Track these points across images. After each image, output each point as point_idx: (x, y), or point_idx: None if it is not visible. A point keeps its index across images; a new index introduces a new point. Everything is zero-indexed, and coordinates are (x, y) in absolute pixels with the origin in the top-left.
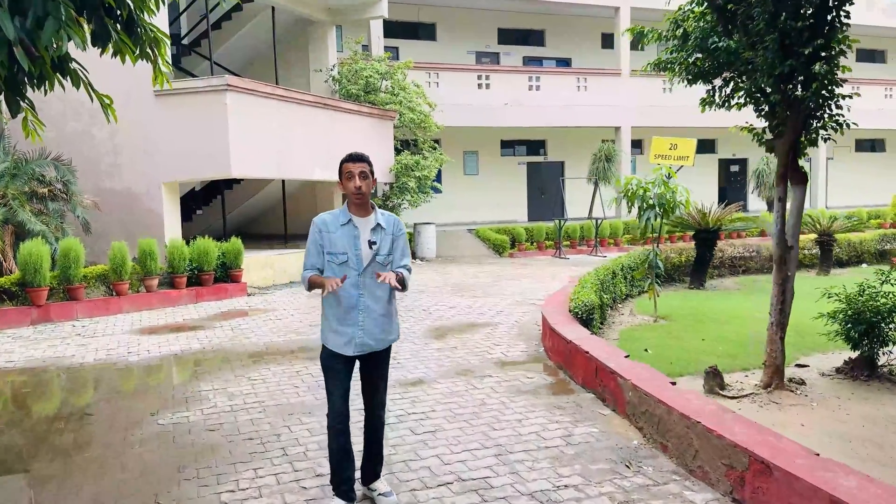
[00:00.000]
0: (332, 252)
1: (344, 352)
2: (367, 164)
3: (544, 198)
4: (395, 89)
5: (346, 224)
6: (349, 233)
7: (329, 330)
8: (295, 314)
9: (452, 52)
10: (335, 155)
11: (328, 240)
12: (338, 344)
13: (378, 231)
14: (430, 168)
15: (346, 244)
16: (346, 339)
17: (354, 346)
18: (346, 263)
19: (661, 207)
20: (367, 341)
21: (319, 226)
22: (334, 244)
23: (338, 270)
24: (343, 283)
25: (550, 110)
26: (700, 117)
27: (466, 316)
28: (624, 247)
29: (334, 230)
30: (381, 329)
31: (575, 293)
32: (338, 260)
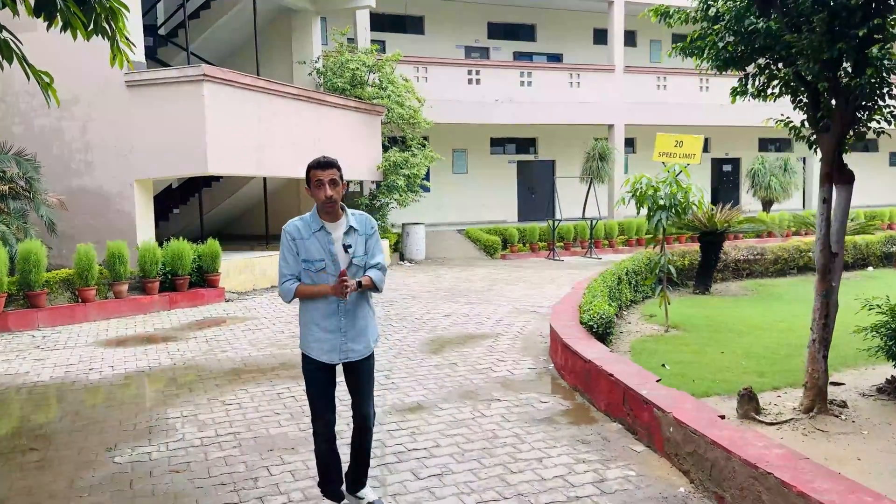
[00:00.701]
0: (308, 259)
1: (328, 360)
2: (337, 169)
3: (534, 198)
4: (383, 83)
5: (318, 231)
6: (323, 239)
7: (311, 339)
8: (276, 323)
9: (441, 46)
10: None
11: (302, 247)
12: (321, 352)
13: (352, 233)
14: (420, 166)
15: (321, 250)
16: (329, 347)
17: (339, 353)
18: (324, 270)
19: (672, 208)
20: (351, 347)
21: (292, 233)
22: (309, 251)
23: (315, 278)
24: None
25: (542, 107)
26: (694, 115)
27: (464, 326)
28: (619, 248)
29: (307, 237)
30: (363, 334)
31: (586, 302)
32: (315, 267)
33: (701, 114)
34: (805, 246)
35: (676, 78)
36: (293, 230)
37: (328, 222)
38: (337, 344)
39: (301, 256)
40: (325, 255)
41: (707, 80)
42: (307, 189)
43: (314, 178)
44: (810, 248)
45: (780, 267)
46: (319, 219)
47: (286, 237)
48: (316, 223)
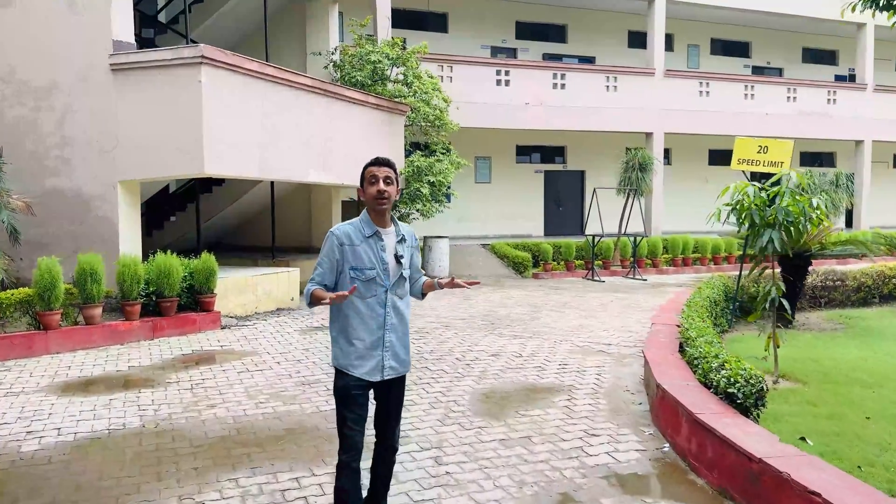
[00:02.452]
0: (358, 267)
1: (371, 378)
2: (394, 170)
3: (562, 210)
4: (407, 77)
5: (371, 236)
6: (375, 245)
7: (353, 355)
8: (282, 361)
9: (465, 46)
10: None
11: (351, 253)
12: (364, 370)
13: (403, 244)
14: (447, 172)
15: (372, 258)
16: (374, 364)
17: (383, 370)
18: (375, 279)
19: (786, 226)
20: (393, 364)
21: (341, 238)
22: (359, 258)
23: (365, 289)
24: (351, 294)
25: (576, 112)
26: (737, 124)
27: (520, 371)
28: (663, 269)
29: (358, 243)
30: (405, 350)
31: (695, 349)
32: (365, 276)
33: (744, 123)
34: (890, 271)
35: (719, 84)
36: (342, 235)
37: (381, 228)
38: (379, 361)
39: (350, 264)
40: (377, 262)
41: (752, 88)
42: (359, 190)
43: (369, 175)
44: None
45: (863, 295)
46: (373, 223)
47: (333, 241)
48: (369, 228)
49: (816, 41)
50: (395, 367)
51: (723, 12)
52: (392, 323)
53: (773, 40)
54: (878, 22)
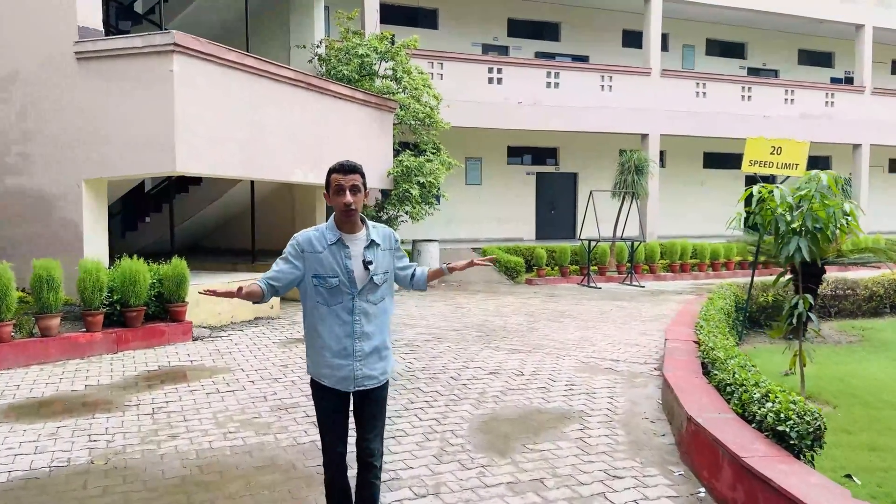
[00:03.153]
0: (321, 275)
1: (342, 388)
2: (361, 175)
3: (554, 213)
4: (397, 72)
5: (334, 243)
6: (339, 253)
7: (322, 364)
8: (257, 380)
9: (455, 43)
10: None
11: (314, 261)
12: (334, 380)
13: (373, 248)
14: (437, 173)
15: (334, 266)
16: (344, 374)
17: (354, 381)
18: (339, 287)
19: (814, 232)
20: (367, 373)
21: (302, 245)
22: (322, 265)
23: (329, 297)
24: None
25: (570, 112)
26: (735, 126)
27: (524, 393)
28: (661, 275)
29: (321, 250)
30: (381, 358)
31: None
32: (328, 284)
33: (742, 125)
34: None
35: (717, 85)
36: (305, 241)
37: (346, 234)
38: (350, 371)
39: (312, 272)
40: (340, 270)
41: (750, 89)
42: (325, 195)
43: (334, 183)
44: None
45: (874, 305)
46: (337, 230)
47: (295, 247)
48: (332, 235)
49: (813, 43)
50: (369, 376)
51: (719, 11)
52: (363, 331)
53: (769, 41)
54: (876, 23)
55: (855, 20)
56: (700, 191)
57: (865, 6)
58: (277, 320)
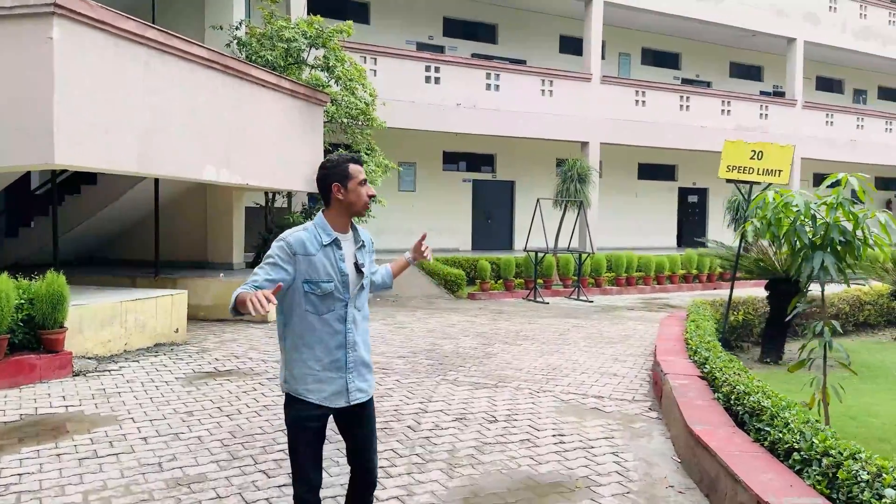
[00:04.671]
0: (313, 280)
1: (332, 404)
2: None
3: (491, 223)
4: (329, 60)
5: (329, 244)
6: (333, 255)
7: (309, 378)
8: (151, 435)
9: (388, 40)
10: (240, 146)
11: (306, 264)
12: (323, 395)
13: (363, 250)
14: (373, 176)
15: (329, 269)
16: (337, 388)
17: (347, 395)
18: (332, 294)
19: (839, 247)
20: (360, 386)
21: (294, 247)
22: (315, 270)
23: (320, 304)
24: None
25: (510, 116)
26: (673, 136)
27: (504, 449)
28: (607, 288)
29: (314, 252)
30: (369, 370)
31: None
32: (321, 290)
33: (680, 135)
34: (865, 297)
35: (656, 93)
36: (297, 243)
37: (340, 233)
38: (344, 384)
39: (303, 276)
40: (335, 274)
41: (688, 99)
42: (337, 186)
43: (358, 175)
44: (872, 298)
45: (840, 323)
46: (331, 229)
47: (285, 250)
48: (327, 235)
49: (743, 56)
50: (362, 389)
51: (655, 19)
52: (354, 340)
53: (702, 53)
54: (806, 37)
55: (787, 34)
56: (634, 202)
57: (797, 20)
58: (183, 347)
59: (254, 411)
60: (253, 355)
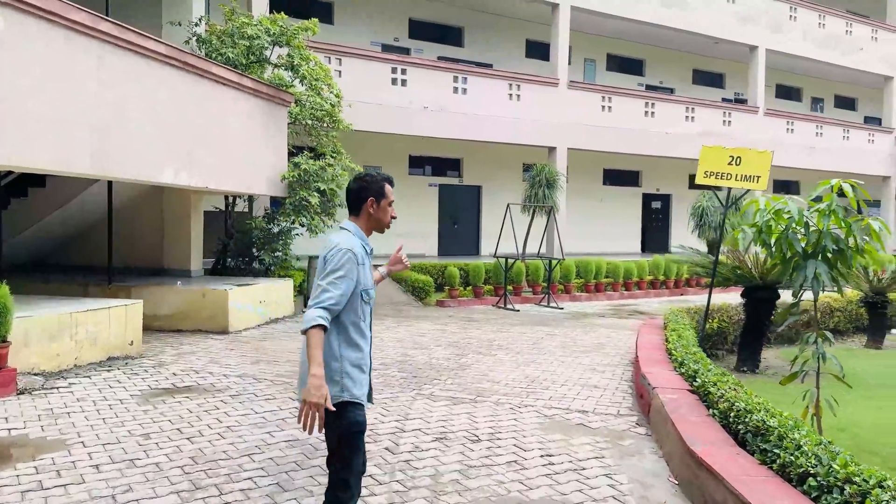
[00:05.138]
0: (367, 288)
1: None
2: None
3: (457, 228)
4: (294, 59)
5: (369, 253)
6: (369, 262)
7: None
8: (105, 461)
9: (353, 41)
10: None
11: (362, 273)
12: (366, 395)
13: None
14: (339, 179)
15: (370, 276)
16: (367, 389)
17: (371, 394)
18: (372, 300)
19: (834, 255)
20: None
21: (358, 256)
22: (367, 278)
23: (365, 311)
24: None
25: (478, 120)
26: (638, 142)
27: (490, 473)
28: (576, 295)
29: (363, 260)
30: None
31: (844, 469)
32: (369, 297)
33: (645, 141)
34: (835, 303)
35: (622, 99)
36: (360, 252)
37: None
38: (369, 385)
39: (361, 286)
40: (370, 282)
41: (653, 105)
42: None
43: (388, 196)
44: (842, 305)
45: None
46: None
47: (354, 260)
48: (367, 244)
49: (706, 63)
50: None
51: (621, 25)
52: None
53: (666, 60)
54: (769, 46)
55: (750, 41)
56: (599, 207)
57: (760, 28)
58: (139, 361)
59: (217, 433)
60: (214, 369)
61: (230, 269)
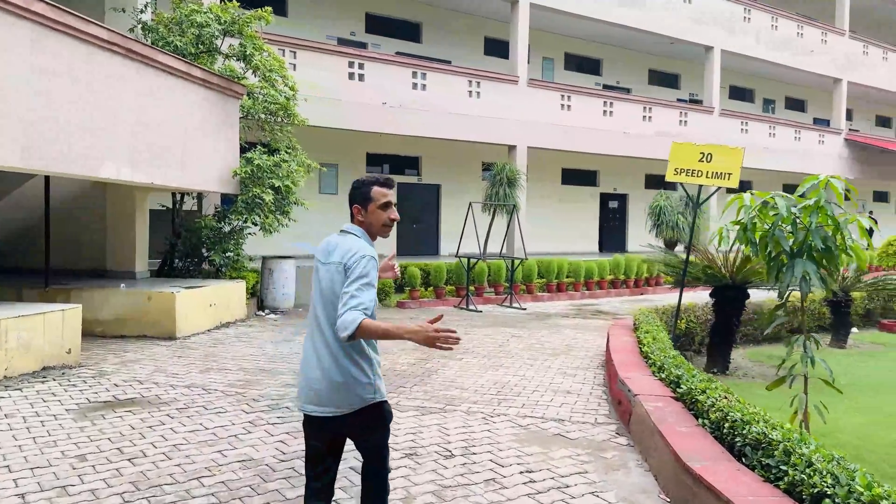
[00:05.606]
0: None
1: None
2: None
3: (416, 227)
4: (247, 49)
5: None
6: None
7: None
8: (33, 489)
9: (307, 34)
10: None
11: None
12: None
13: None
14: (295, 176)
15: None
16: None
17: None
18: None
19: (822, 254)
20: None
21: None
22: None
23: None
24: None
25: (438, 117)
26: (598, 142)
27: (468, 494)
28: (538, 295)
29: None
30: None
31: (868, 494)
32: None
33: (604, 141)
34: (798, 302)
35: (581, 98)
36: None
37: None
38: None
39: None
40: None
41: (611, 105)
42: (357, 208)
43: (382, 198)
44: (806, 304)
45: (776, 330)
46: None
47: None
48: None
49: (662, 64)
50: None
51: (579, 23)
52: None
53: (623, 60)
54: (724, 46)
55: (706, 42)
56: (557, 207)
57: (715, 29)
58: (76, 371)
59: (161, 453)
60: (159, 379)
61: (178, 270)
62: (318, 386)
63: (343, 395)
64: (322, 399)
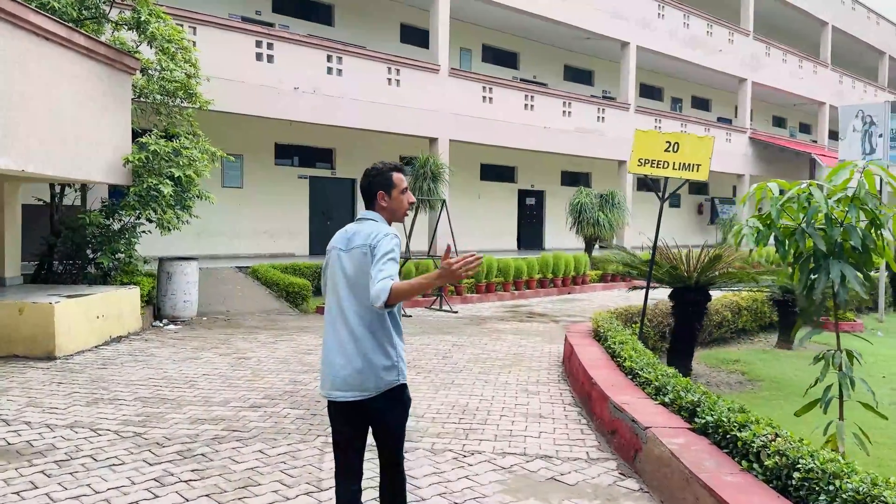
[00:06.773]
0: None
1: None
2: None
3: (330, 224)
4: (140, 16)
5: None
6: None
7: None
8: None
9: (207, 10)
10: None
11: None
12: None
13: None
14: (198, 165)
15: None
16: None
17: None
18: None
19: (857, 255)
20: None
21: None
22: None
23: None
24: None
25: (354, 106)
26: (519, 136)
27: None
28: (467, 296)
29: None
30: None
31: None
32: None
33: (525, 135)
34: (743, 301)
35: (503, 91)
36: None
37: None
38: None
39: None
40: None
41: (532, 98)
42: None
43: (402, 184)
44: (748, 304)
45: (724, 331)
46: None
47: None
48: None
49: (577, 60)
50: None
51: (497, 13)
52: None
53: (539, 54)
54: (639, 42)
55: (621, 37)
56: (477, 203)
57: (631, 25)
58: None
59: None
60: (33, 417)
61: (58, 275)
62: (344, 372)
63: (367, 377)
64: (348, 384)
